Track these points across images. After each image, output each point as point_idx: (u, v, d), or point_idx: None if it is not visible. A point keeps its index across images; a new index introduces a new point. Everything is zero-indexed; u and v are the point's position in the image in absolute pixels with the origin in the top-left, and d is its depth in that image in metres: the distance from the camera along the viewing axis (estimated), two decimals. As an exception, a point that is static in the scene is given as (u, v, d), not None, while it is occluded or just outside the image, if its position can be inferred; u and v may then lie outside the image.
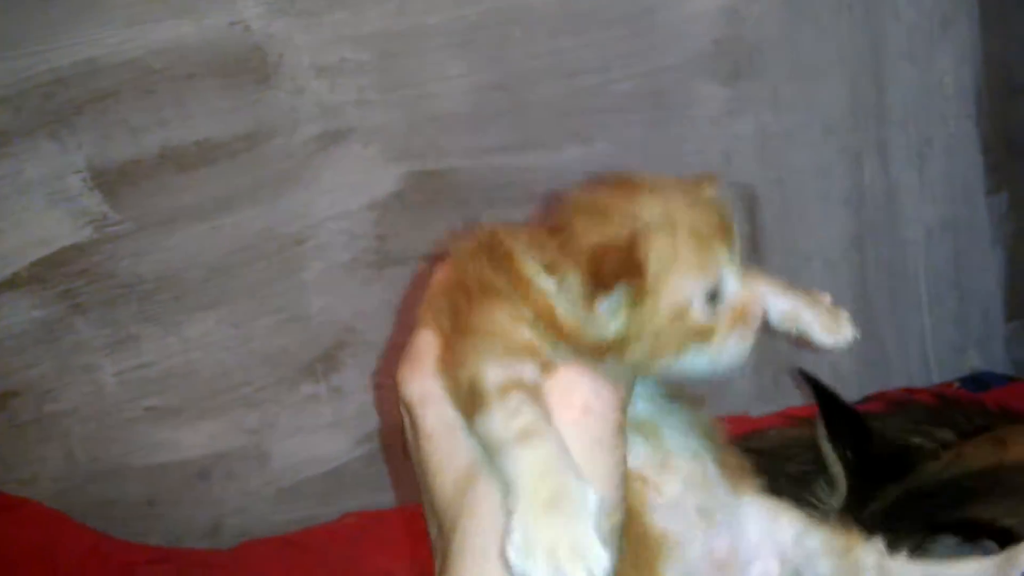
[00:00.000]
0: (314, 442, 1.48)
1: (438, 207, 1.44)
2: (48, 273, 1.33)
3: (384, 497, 1.48)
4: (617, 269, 0.48)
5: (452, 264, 0.57)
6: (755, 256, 1.58)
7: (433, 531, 0.53)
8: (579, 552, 0.43)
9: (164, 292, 1.37)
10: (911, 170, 1.62)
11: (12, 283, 1.31)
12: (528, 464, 0.46)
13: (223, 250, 1.38)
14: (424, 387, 0.54)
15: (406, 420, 0.56)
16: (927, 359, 1.65)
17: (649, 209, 0.50)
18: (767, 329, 0.56)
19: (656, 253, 0.48)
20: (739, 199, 1.56)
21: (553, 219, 0.53)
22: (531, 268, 0.51)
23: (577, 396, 0.51)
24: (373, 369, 1.48)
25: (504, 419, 0.47)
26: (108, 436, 1.39)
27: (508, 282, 0.52)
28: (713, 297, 0.50)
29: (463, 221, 1.47)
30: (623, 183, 0.53)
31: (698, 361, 0.51)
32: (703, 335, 0.50)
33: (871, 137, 1.59)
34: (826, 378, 1.02)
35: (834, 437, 0.93)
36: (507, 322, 0.51)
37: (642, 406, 0.56)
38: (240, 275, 1.39)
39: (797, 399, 1.43)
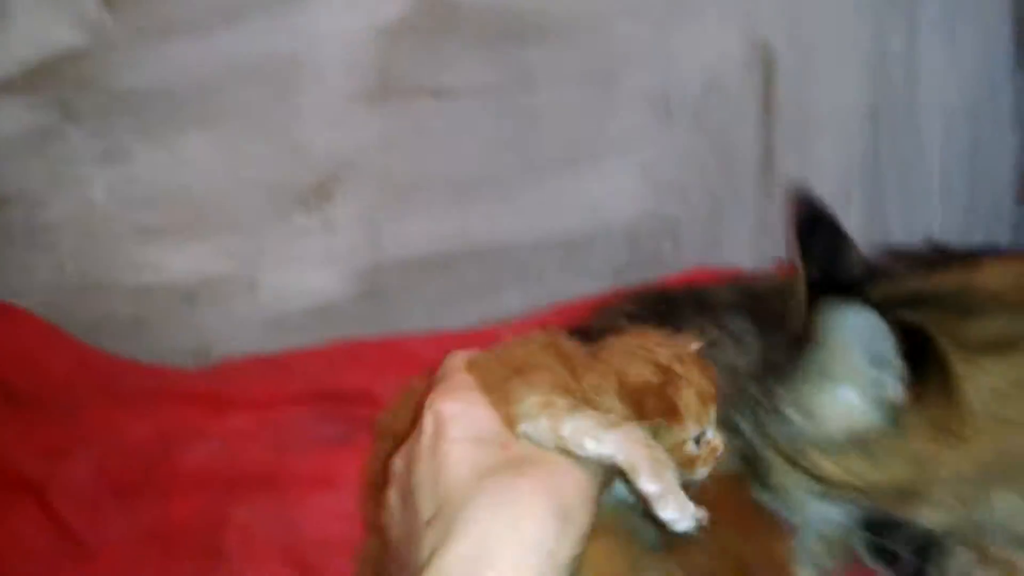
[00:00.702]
0: (304, 275, 1.47)
1: (446, 38, 1.39)
2: (42, 79, 1.29)
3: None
4: (660, 407, 0.67)
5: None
6: (767, 118, 1.53)
7: (427, 513, 0.62)
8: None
9: (158, 107, 1.34)
10: (938, 43, 1.55)
11: (5, 87, 1.27)
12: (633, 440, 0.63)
13: (220, 67, 1.35)
14: (456, 407, 0.65)
15: (428, 429, 0.65)
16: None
17: (676, 365, 0.70)
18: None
19: (683, 402, 0.67)
20: (756, 58, 1.50)
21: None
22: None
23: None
24: (369, 205, 1.44)
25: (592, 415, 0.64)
26: (97, 251, 1.38)
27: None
28: (698, 440, 0.70)
29: (471, 55, 1.43)
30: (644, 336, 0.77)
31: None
32: (687, 463, 0.69)
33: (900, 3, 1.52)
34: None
35: (805, 253, 0.90)
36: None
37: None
38: (236, 96, 1.36)
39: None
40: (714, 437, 0.73)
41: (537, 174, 1.51)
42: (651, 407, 0.67)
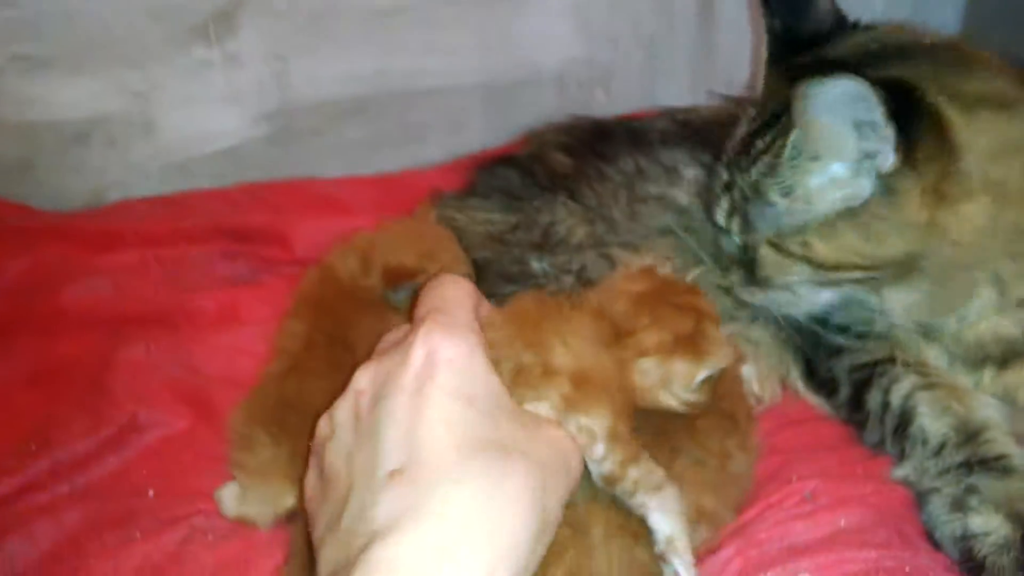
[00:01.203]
0: (206, 115, 1.35)
1: None
2: None
3: (284, 183, 1.35)
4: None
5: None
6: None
7: (390, 461, 0.54)
8: None
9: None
10: None
11: None
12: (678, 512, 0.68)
13: None
14: (456, 351, 0.56)
15: (415, 362, 0.56)
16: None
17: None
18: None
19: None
20: None
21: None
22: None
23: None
24: (276, 38, 1.32)
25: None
26: (-27, 83, 1.23)
27: None
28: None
29: None
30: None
31: None
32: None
33: None
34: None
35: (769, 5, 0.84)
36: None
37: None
38: (128, -92, 1.21)
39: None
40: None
41: (462, 8, 1.40)
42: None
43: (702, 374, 0.70)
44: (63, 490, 0.86)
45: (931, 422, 0.82)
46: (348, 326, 0.86)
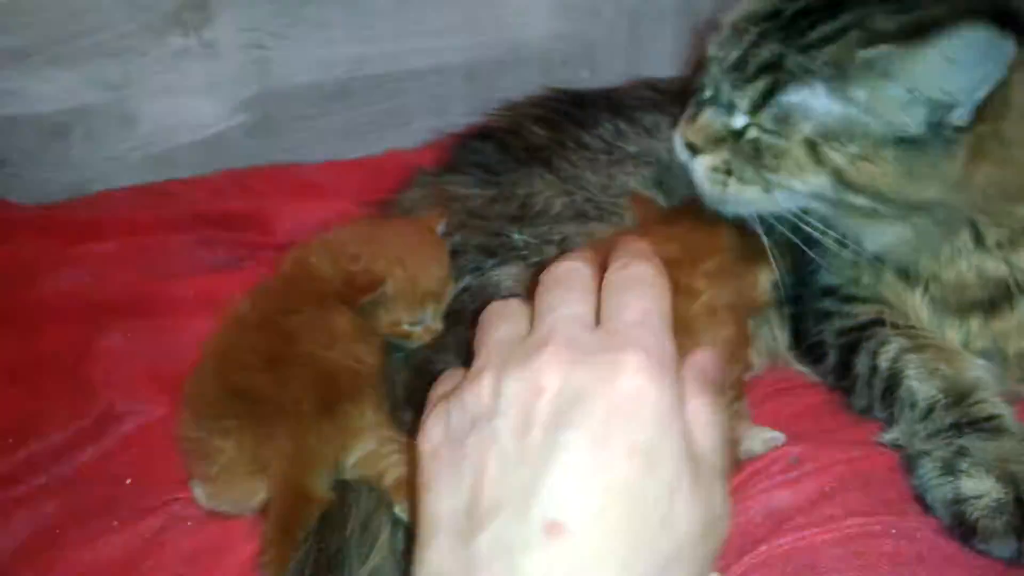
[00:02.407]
0: (185, 105, 1.34)
1: None
2: None
3: (266, 172, 1.33)
4: None
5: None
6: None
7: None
8: None
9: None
10: None
11: None
12: None
13: None
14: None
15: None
16: None
17: None
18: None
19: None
20: None
21: None
22: None
23: None
24: (254, 25, 1.30)
25: None
26: (-53, 77, 1.22)
27: None
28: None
29: None
30: None
31: None
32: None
33: None
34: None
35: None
36: None
37: None
38: None
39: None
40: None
41: (443, -11, 1.38)
42: None
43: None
44: (40, 481, 0.85)
45: (920, 384, 0.80)
46: (294, 317, 0.85)
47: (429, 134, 1.40)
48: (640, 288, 0.51)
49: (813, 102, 0.76)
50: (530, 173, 1.02)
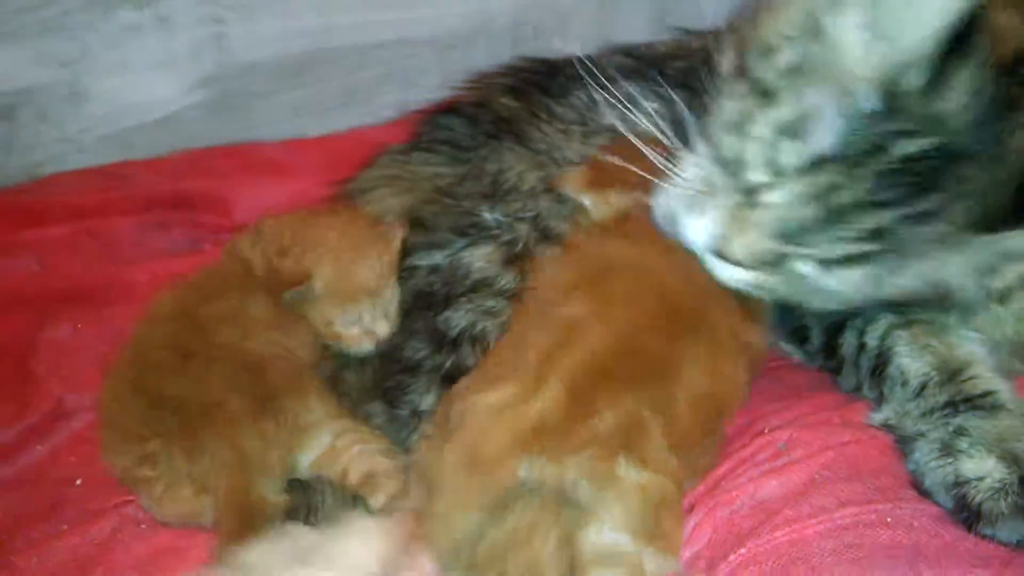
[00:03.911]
0: (140, 83, 1.28)
1: None
2: None
3: (226, 152, 1.28)
4: None
5: None
6: None
7: None
8: None
9: None
10: None
11: None
12: None
13: None
14: None
15: None
16: None
17: None
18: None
19: None
20: None
21: None
22: None
23: None
24: (210, -4, 1.24)
25: None
26: None
27: None
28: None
29: None
30: None
31: None
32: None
33: None
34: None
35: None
36: None
37: None
38: None
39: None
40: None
41: (406, -41, 1.32)
42: None
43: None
44: (-17, 482, 0.79)
45: (910, 362, 0.76)
46: (206, 307, 0.80)
47: (396, 110, 1.34)
48: None
49: (904, 268, 0.71)
50: (500, 147, 0.97)
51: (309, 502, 0.75)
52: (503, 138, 0.97)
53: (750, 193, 0.71)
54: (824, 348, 0.85)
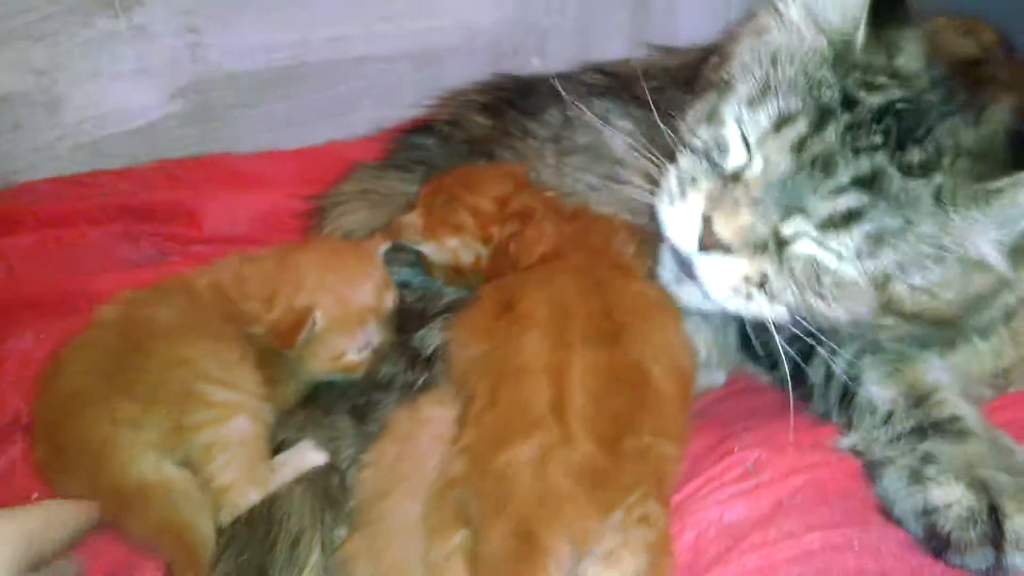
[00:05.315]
0: (116, 92, 1.26)
1: None
2: None
3: (205, 162, 1.26)
4: None
5: None
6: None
7: None
8: None
9: None
10: None
11: None
12: None
13: None
14: None
15: None
16: None
17: None
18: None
19: None
20: None
21: None
22: None
23: None
24: (188, 6, 1.23)
25: None
26: None
27: None
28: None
29: None
30: None
31: None
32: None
33: None
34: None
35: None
36: None
37: None
38: None
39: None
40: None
41: (387, -28, 1.32)
42: None
43: None
44: (-60, 497, 0.77)
45: (878, 389, 0.76)
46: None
47: (374, 124, 1.34)
48: None
49: (906, 233, 0.68)
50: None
51: (275, 516, 0.74)
52: (476, 157, 0.97)
53: (733, 178, 0.71)
54: (793, 376, 0.84)
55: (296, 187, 1.06)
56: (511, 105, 1.02)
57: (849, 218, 0.67)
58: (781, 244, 0.69)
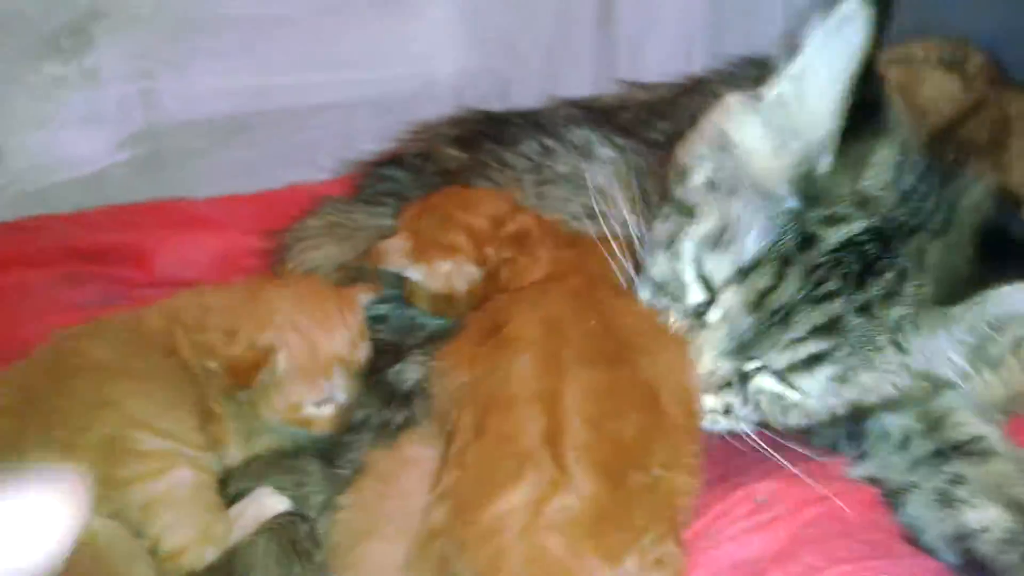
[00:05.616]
0: (62, 139, 1.20)
1: None
2: None
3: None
4: None
5: None
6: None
7: None
8: None
9: None
10: None
11: None
12: None
13: None
14: None
15: None
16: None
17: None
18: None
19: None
20: None
21: None
22: None
23: None
24: (140, 51, 1.18)
25: None
26: None
27: None
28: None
29: None
30: None
31: None
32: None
33: None
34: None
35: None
36: None
37: None
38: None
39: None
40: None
41: (347, 17, 1.28)
42: None
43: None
44: None
45: (890, 417, 0.71)
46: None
47: (334, 173, 1.28)
48: None
49: (870, 365, 0.66)
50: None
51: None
52: (449, 189, 0.92)
53: (696, 315, 0.68)
54: None
55: (253, 228, 1.00)
56: (486, 136, 0.98)
57: (812, 362, 0.65)
58: (744, 379, 0.68)
